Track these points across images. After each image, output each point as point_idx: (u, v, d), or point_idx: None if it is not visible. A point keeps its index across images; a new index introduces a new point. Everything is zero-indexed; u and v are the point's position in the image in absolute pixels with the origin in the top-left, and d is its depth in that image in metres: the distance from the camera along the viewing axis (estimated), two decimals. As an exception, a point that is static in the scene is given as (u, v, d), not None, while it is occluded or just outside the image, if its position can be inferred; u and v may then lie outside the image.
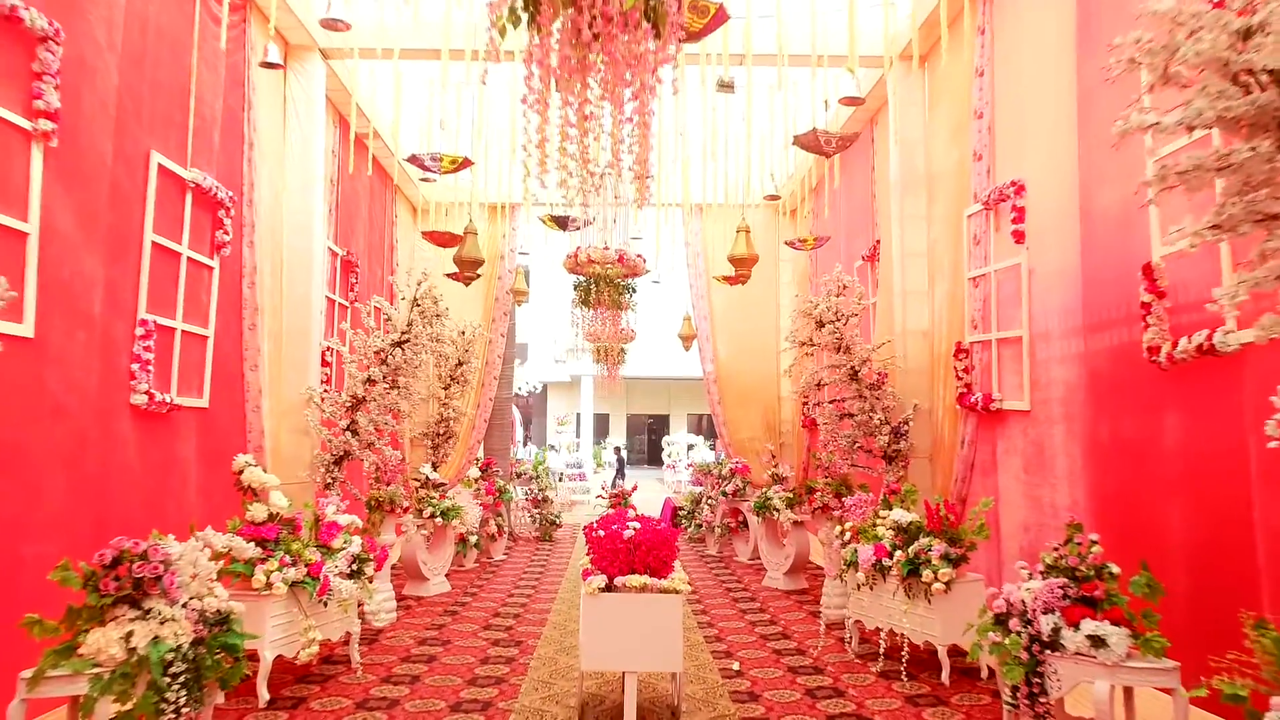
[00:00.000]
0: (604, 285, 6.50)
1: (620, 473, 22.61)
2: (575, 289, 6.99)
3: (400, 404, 6.67)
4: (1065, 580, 3.59)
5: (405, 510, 6.70)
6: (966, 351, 6.09)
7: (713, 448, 30.75)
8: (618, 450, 23.32)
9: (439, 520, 7.76)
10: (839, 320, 6.81)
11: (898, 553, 5.20)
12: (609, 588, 4.09)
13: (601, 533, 4.26)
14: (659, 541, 4.16)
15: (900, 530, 5.40)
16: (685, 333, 11.66)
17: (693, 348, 11.88)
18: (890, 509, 5.61)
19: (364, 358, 6.64)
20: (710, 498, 11.02)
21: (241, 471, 4.79)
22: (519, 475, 12.38)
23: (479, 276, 9.77)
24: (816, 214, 10.23)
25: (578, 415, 32.81)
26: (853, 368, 6.76)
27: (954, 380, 6.26)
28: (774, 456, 8.43)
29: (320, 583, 4.75)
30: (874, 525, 5.61)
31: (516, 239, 11.61)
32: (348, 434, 6.50)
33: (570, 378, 32.57)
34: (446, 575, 8.32)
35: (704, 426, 36.35)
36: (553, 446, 25.69)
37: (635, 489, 9.32)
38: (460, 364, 10.78)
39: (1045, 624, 3.49)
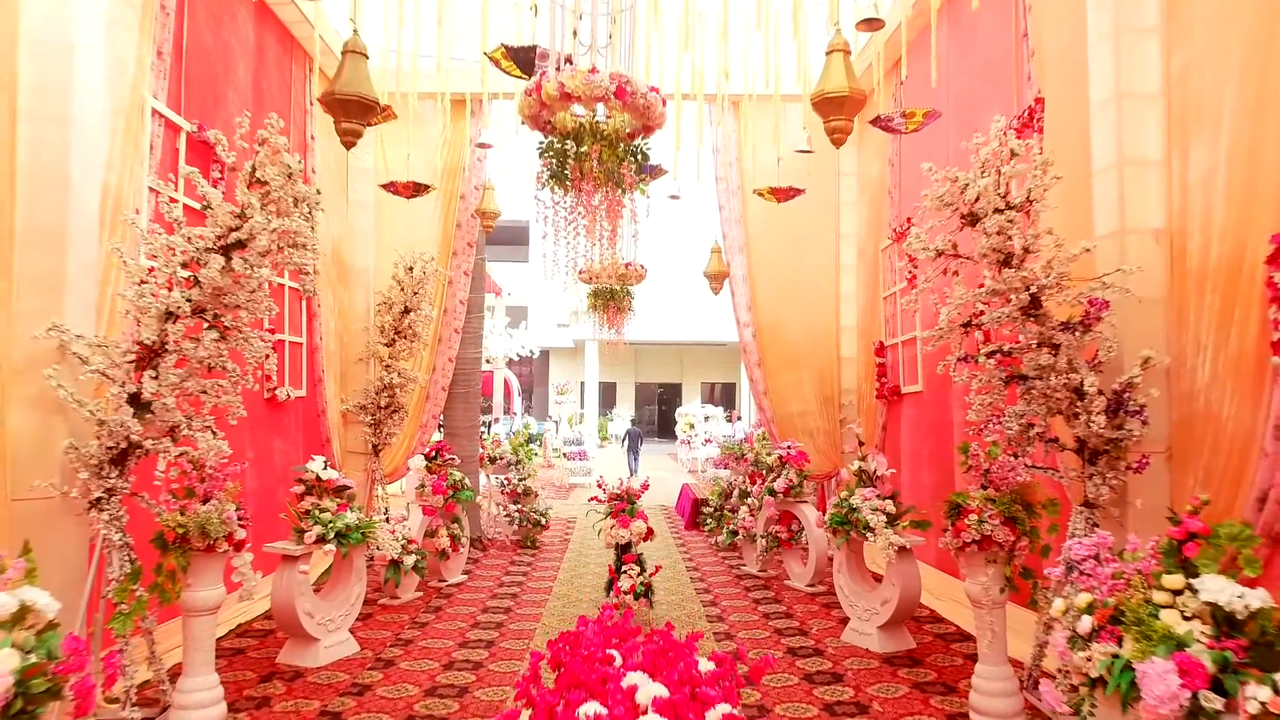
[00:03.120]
0: (592, 142, 3.47)
1: (634, 453, 19.54)
2: (541, 155, 3.93)
3: (225, 359, 3.72)
4: None
5: (240, 546, 3.79)
6: (1298, 253, 3.10)
7: (729, 419, 27.69)
8: (630, 431, 20.10)
9: (330, 548, 4.83)
10: (1010, 208, 3.81)
11: (1250, 688, 2.28)
12: None
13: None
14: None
15: (1227, 624, 2.48)
16: (714, 270, 8.64)
17: (723, 291, 8.88)
18: (1189, 574, 2.67)
19: (164, 273, 3.69)
20: (748, 493, 8.10)
21: None
22: (493, 460, 9.46)
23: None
24: (907, 89, 7.13)
25: (581, 384, 29.93)
26: (1032, 293, 3.77)
27: (1253, 314, 3.28)
28: (861, 444, 5.46)
29: None
30: (1150, 607, 2.67)
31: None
32: (128, 409, 3.58)
33: (574, 343, 29.75)
34: (360, 622, 5.47)
35: (718, 396, 33.38)
36: (552, 419, 22.86)
37: (646, 488, 6.42)
38: (407, 311, 7.90)
39: None
